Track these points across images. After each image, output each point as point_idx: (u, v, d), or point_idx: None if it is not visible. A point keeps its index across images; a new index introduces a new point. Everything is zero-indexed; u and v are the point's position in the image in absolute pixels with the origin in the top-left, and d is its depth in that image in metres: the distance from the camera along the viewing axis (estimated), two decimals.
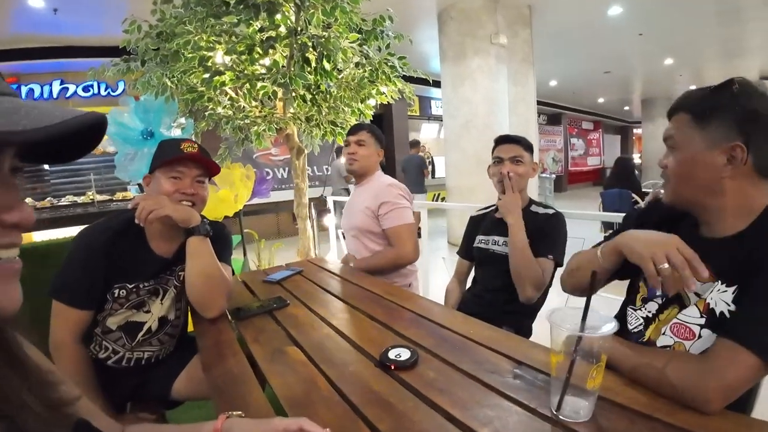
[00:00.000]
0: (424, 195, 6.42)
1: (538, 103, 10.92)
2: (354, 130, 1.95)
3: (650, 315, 0.88)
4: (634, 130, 21.07)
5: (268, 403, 0.79)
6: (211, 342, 1.11)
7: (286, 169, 7.23)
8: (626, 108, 16.82)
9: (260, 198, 3.52)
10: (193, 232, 1.21)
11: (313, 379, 0.86)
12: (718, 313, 0.75)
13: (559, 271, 1.21)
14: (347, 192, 7.75)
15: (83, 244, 1.15)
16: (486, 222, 1.70)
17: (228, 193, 2.70)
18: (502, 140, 1.63)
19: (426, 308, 1.25)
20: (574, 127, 16.04)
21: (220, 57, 2.43)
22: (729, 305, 0.74)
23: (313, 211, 3.60)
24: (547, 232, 1.48)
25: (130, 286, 1.20)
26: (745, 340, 0.65)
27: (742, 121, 0.75)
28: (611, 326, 0.67)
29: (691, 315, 0.79)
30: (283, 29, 2.33)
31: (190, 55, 2.27)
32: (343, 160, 2.36)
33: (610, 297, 1.28)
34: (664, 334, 0.83)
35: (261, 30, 2.33)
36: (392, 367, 0.86)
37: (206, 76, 2.38)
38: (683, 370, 0.68)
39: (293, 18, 2.31)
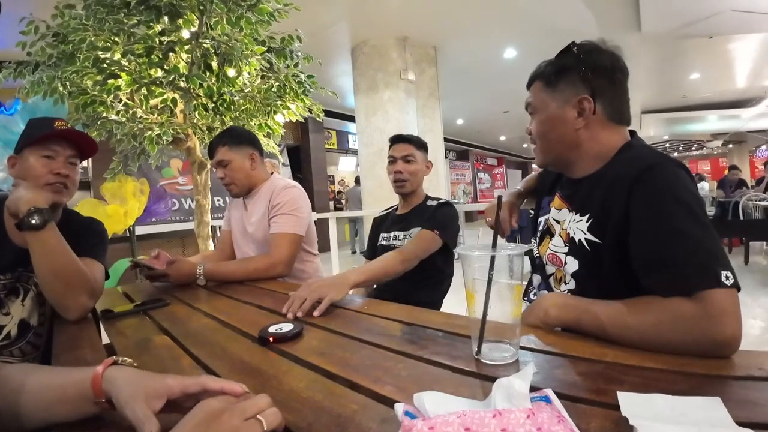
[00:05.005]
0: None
1: (448, 140, 11.74)
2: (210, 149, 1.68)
3: (534, 249, 1.00)
4: (533, 165, 23.46)
5: None
6: (66, 336, 0.96)
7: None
8: (525, 145, 18.65)
9: (161, 219, 3.25)
10: (20, 227, 1.00)
11: (175, 358, 0.76)
12: (577, 242, 0.81)
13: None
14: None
15: None
16: (388, 221, 1.72)
17: (117, 209, 2.44)
18: (395, 140, 1.69)
19: None
20: (480, 162, 17.39)
21: (116, 58, 2.26)
22: (585, 233, 0.80)
23: (218, 233, 3.39)
24: (436, 215, 1.55)
25: None
26: (709, 284, 0.61)
27: (586, 76, 0.83)
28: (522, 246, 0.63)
29: (558, 245, 0.88)
30: (185, 33, 2.25)
31: (84, 55, 2.08)
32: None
33: None
34: (546, 264, 0.92)
35: (162, 33, 2.23)
36: (271, 340, 0.79)
37: (100, 78, 2.19)
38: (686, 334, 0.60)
39: (196, 24, 2.24)
